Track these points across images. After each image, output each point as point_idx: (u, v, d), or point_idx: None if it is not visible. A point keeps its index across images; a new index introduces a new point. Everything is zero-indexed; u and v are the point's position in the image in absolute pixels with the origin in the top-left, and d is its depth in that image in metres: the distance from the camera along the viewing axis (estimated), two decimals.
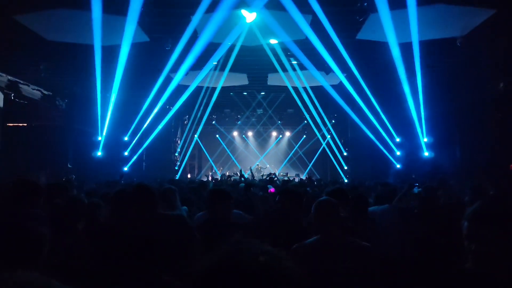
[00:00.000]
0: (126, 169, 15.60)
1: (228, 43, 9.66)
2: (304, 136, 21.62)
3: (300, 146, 21.82)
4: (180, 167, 19.31)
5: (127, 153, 15.69)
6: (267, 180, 9.43)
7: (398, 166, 15.36)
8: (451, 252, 2.93)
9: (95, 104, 13.21)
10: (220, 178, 14.62)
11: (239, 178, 11.48)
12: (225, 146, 22.04)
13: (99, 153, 13.86)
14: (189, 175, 20.43)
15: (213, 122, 20.84)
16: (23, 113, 13.36)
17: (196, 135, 20.09)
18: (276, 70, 11.81)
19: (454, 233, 3.18)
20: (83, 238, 2.75)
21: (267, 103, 18.14)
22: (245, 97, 17.20)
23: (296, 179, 14.85)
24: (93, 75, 12.57)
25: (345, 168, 18.83)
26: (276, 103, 17.88)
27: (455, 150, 13.70)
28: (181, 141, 20.41)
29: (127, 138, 15.47)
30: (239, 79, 13.30)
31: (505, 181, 8.23)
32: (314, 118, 17.18)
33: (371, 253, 2.55)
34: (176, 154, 19.90)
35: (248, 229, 3.32)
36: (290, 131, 22.46)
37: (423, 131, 13.37)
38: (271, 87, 14.75)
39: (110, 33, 8.43)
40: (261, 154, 22.36)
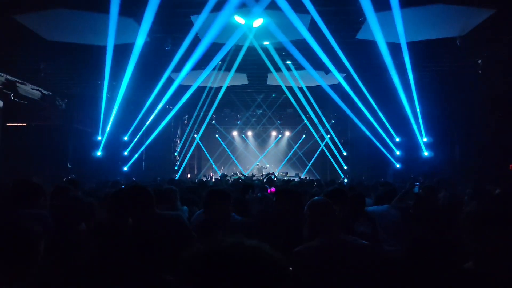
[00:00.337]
0: (126, 169, 15.61)
1: (231, 44, 9.62)
2: (304, 136, 21.60)
3: (300, 146, 21.79)
4: (180, 167, 19.31)
5: (127, 153, 15.69)
6: (266, 181, 9.37)
7: (398, 166, 15.37)
8: (449, 253, 2.93)
9: (97, 104, 13.21)
10: (220, 178, 14.60)
11: (238, 179, 11.46)
12: (225, 146, 22.02)
13: (99, 153, 13.86)
14: (189, 175, 20.42)
15: (213, 122, 20.83)
16: (23, 113, 13.36)
17: (197, 136, 20.07)
18: (276, 70, 11.80)
19: (451, 233, 3.18)
20: (85, 238, 2.76)
21: (267, 103, 18.12)
22: (245, 97, 17.19)
23: (296, 179, 14.84)
24: (94, 75, 12.59)
25: (345, 168, 18.82)
26: (277, 104, 17.85)
27: (455, 150, 13.71)
28: (181, 141, 20.40)
29: (127, 138, 15.46)
30: (239, 79, 13.28)
31: (505, 181, 8.23)
32: (315, 118, 17.14)
33: (371, 252, 2.56)
34: (176, 154, 19.89)
35: (244, 229, 3.29)
36: (290, 131, 22.44)
37: (422, 131, 13.38)
38: (271, 87, 14.72)
39: (116, 33, 8.44)
40: (261, 154, 22.34)
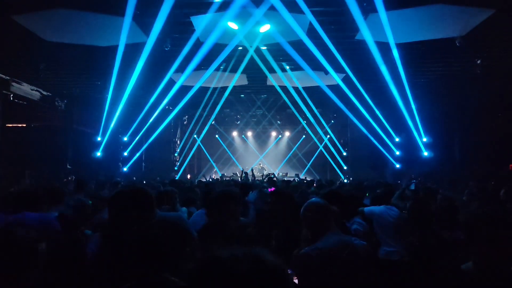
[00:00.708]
0: (126, 170, 15.61)
1: (233, 45, 9.62)
2: (304, 136, 21.58)
3: (300, 146, 21.77)
4: (181, 168, 19.28)
5: (127, 154, 15.69)
6: (267, 181, 9.33)
7: (398, 166, 15.38)
8: (446, 254, 2.93)
9: (97, 105, 13.20)
10: (220, 179, 14.60)
11: (240, 179, 11.43)
12: (225, 147, 22.01)
13: (99, 154, 13.85)
14: (189, 176, 20.39)
15: (213, 123, 20.82)
16: (22, 114, 13.34)
17: (199, 138, 20.04)
18: (275, 71, 11.79)
19: (448, 235, 3.19)
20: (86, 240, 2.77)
21: (267, 104, 18.10)
22: (245, 98, 17.18)
23: (296, 179, 14.82)
24: (93, 76, 12.58)
25: (345, 169, 18.79)
26: (277, 105, 17.83)
27: (454, 150, 13.72)
28: (182, 142, 20.37)
29: (127, 139, 15.46)
30: (239, 80, 13.27)
31: (506, 181, 8.23)
32: (314, 118, 17.13)
33: (370, 252, 2.57)
34: (176, 155, 19.87)
35: (247, 231, 3.28)
36: (290, 131, 22.42)
37: (420, 131, 13.39)
38: (270, 88, 14.70)
39: (117, 34, 8.44)
40: (261, 154, 22.32)
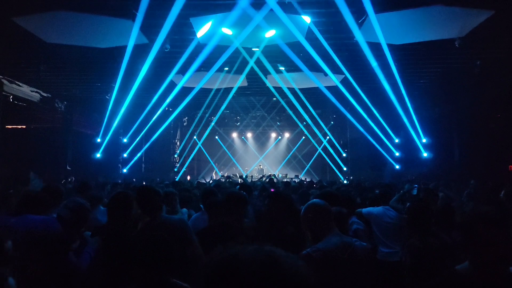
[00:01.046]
0: (126, 171, 15.61)
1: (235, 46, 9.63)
2: (303, 138, 21.60)
3: (300, 147, 21.78)
4: (181, 169, 19.26)
5: (127, 155, 15.68)
6: (268, 182, 9.33)
7: (397, 167, 15.38)
8: (444, 256, 2.93)
9: (97, 106, 13.19)
10: (220, 180, 14.58)
11: (239, 181, 11.43)
12: (225, 148, 22.01)
13: (98, 155, 13.85)
14: (189, 177, 20.38)
15: (212, 123, 20.82)
16: (22, 115, 13.34)
17: (200, 142, 20.03)
18: (275, 72, 11.80)
19: (446, 237, 3.19)
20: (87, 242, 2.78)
21: (267, 105, 18.11)
22: (245, 100, 17.19)
23: (296, 180, 14.83)
24: (93, 77, 12.58)
25: (344, 170, 18.79)
26: (278, 107, 17.84)
27: (454, 151, 13.72)
28: (182, 143, 20.37)
29: (126, 140, 15.46)
30: (239, 81, 13.28)
31: (505, 182, 8.23)
32: (313, 120, 17.14)
33: (371, 253, 2.58)
34: (176, 156, 19.87)
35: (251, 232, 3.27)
36: (289, 133, 22.43)
37: (419, 132, 13.40)
38: (269, 90, 14.72)
39: (117, 36, 8.46)
40: (260, 155, 22.32)
